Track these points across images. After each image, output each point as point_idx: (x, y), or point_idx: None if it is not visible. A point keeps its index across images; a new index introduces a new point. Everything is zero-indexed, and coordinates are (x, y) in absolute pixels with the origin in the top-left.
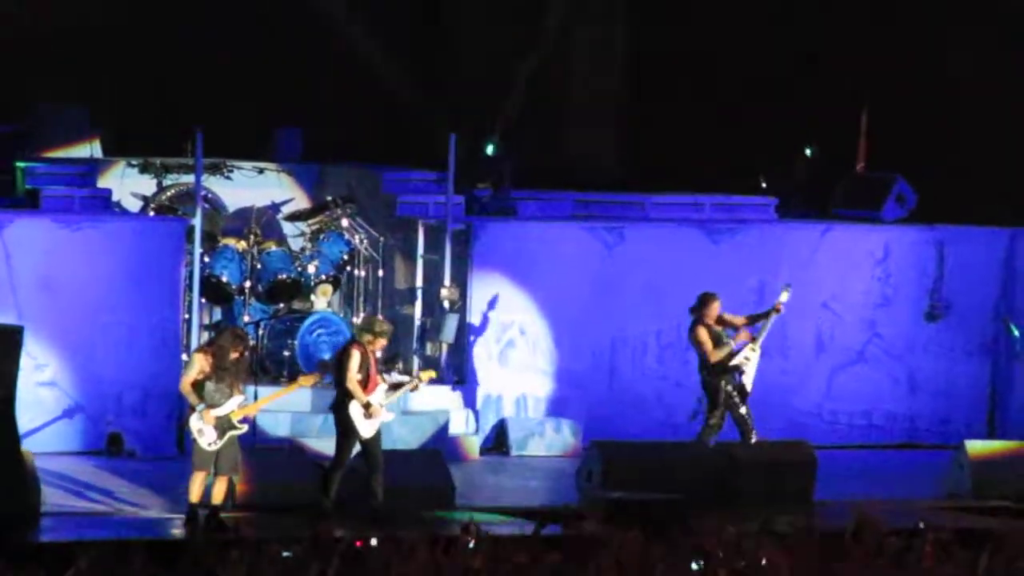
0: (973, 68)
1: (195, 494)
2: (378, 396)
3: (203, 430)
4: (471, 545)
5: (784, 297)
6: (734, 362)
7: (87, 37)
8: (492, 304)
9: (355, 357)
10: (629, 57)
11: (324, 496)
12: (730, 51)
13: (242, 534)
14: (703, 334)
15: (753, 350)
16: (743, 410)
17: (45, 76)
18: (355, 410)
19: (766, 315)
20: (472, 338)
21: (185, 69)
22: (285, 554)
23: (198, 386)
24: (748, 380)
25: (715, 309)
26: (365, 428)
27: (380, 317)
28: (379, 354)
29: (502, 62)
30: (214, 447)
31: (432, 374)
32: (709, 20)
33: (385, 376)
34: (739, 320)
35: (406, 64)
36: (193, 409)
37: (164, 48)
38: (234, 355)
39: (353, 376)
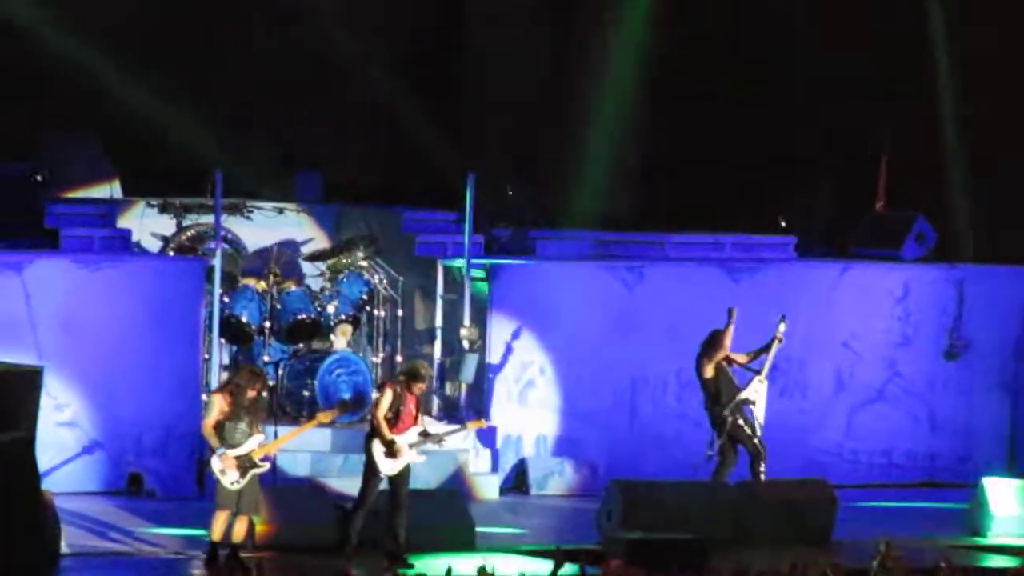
0: (991, 103)
1: (217, 533)
2: (407, 438)
3: (225, 471)
4: None
5: (782, 328)
6: (743, 396)
7: (104, 74)
8: (512, 343)
9: (387, 395)
10: (647, 96)
11: (345, 536)
12: (749, 90)
13: (262, 574)
14: (711, 372)
15: (760, 382)
16: (756, 440)
17: (59, 115)
18: (377, 448)
19: (767, 348)
20: (492, 378)
21: (204, 109)
22: None
23: (219, 427)
24: (760, 413)
25: (725, 345)
26: (387, 466)
27: (423, 363)
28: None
29: (523, 103)
30: (237, 486)
31: (482, 423)
32: (728, 59)
33: (428, 426)
34: (742, 358)
35: (426, 104)
36: (213, 451)
37: (184, 88)
38: (252, 393)
39: (382, 413)
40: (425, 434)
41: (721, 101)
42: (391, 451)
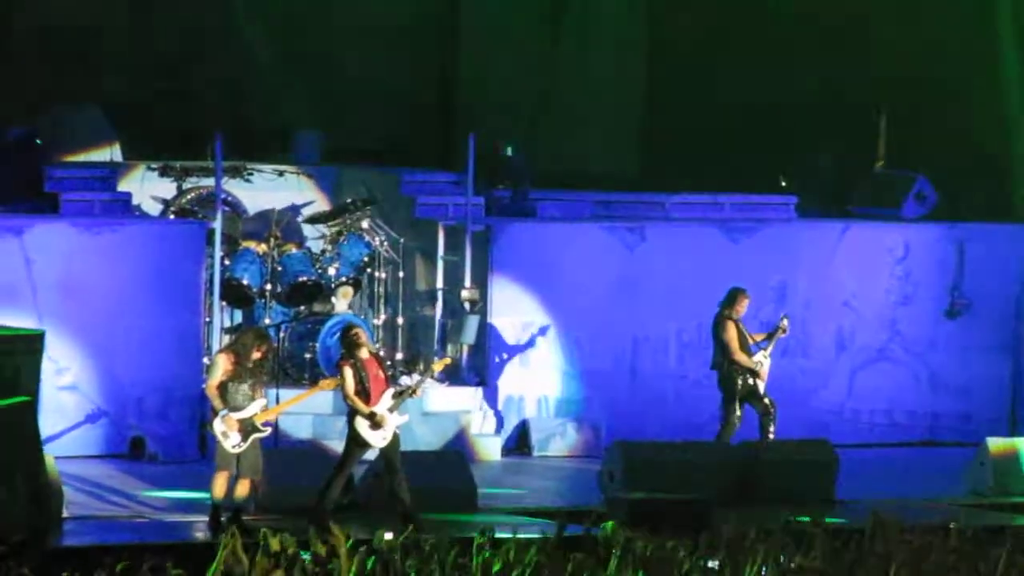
0: (992, 67)
1: (218, 493)
2: (383, 404)
3: (227, 433)
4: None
5: (785, 323)
6: (750, 363)
7: (104, 38)
8: (512, 305)
9: (348, 374)
10: (648, 57)
11: (321, 500)
12: (747, 50)
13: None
14: (731, 330)
15: (765, 357)
16: (766, 400)
17: (61, 77)
18: (361, 424)
19: (771, 335)
20: (493, 339)
21: (204, 71)
22: (304, 556)
23: (222, 388)
24: (761, 385)
25: (743, 305)
26: (376, 439)
27: (348, 325)
28: (377, 351)
29: (522, 63)
30: (238, 450)
31: (447, 361)
32: (727, 20)
33: (400, 379)
34: (753, 337)
35: (425, 66)
36: (216, 413)
37: (182, 51)
38: (256, 354)
39: (350, 393)
40: (399, 393)
41: (722, 59)
42: (375, 423)
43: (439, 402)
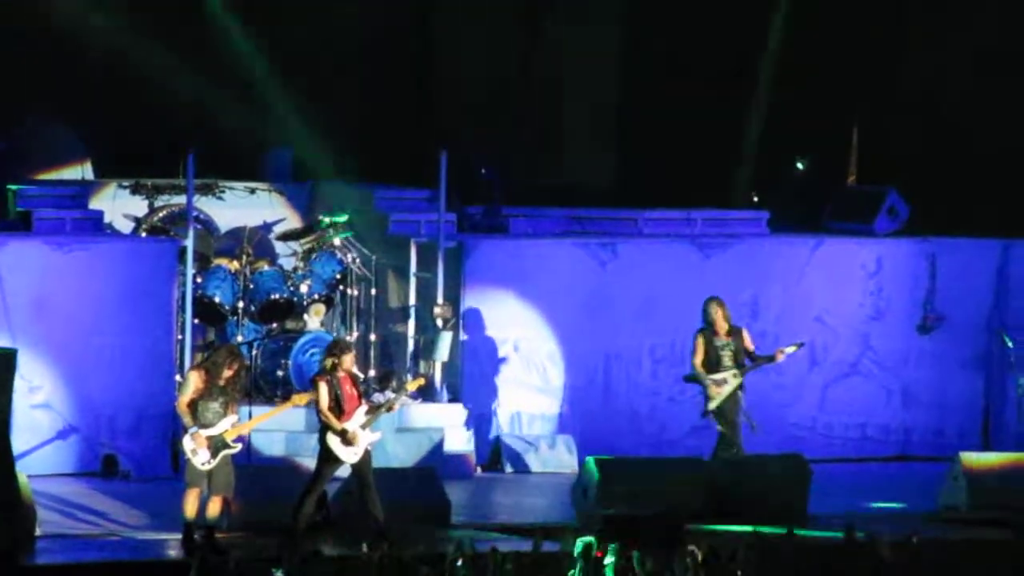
0: (963, 78)
1: (190, 511)
2: (356, 421)
3: (196, 451)
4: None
5: (791, 350)
6: (716, 376)
7: (75, 54)
8: (485, 322)
9: (323, 390)
10: (621, 71)
11: (294, 517)
12: (721, 64)
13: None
14: (694, 341)
15: (735, 376)
16: (727, 422)
17: (33, 94)
18: (333, 440)
19: (768, 358)
20: (466, 356)
21: (175, 89)
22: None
23: (193, 405)
24: (714, 402)
25: (717, 314)
26: (347, 455)
27: (337, 336)
28: (355, 370)
29: (495, 79)
30: (208, 467)
31: (421, 382)
32: (702, 33)
33: (373, 396)
34: (751, 348)
35: (398, 81)
36: (186, 430)
37: (154, 68)
38: (228, 372)
39: (324, 408)
40: (372, 410)
41: (693, 75)
42: (346, 440)
43: (412, 418)
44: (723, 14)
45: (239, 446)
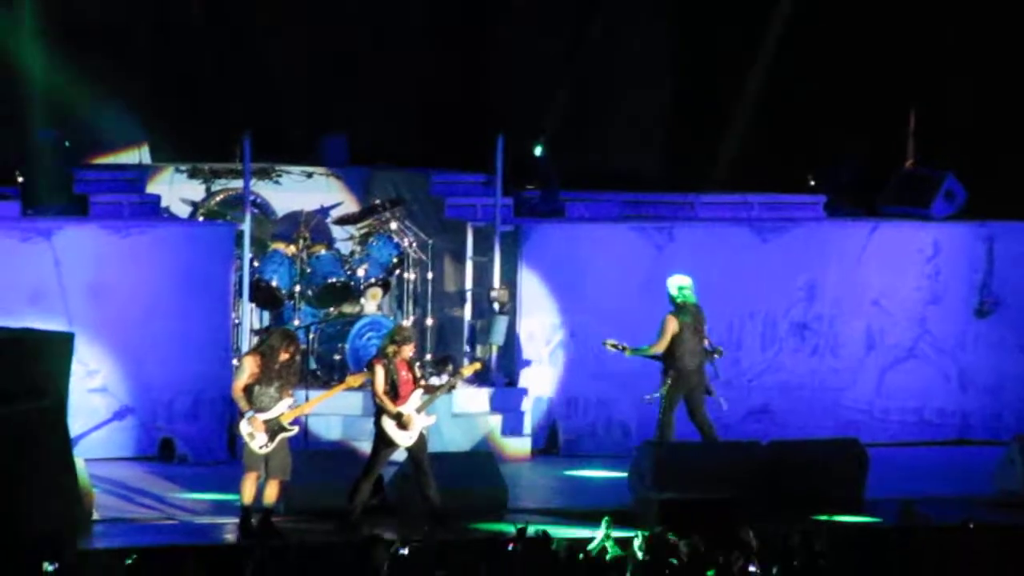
0: (1021, 62)
1: (247, 496)
2: (412, 404)
3: (253, 434)
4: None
5: (718, 354)
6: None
7: (132, 39)
8: (541, 306)
9: (379, 373)
10: (676, 55)
11: (350, 502)
12: (778, 48)
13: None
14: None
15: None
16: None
17: (93, 79)
18: (388, 423)
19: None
20: (522, 340)
21: (233, 73)
22: None
23: (248, 390)
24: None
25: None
26: (402, 438)
27: (400, 323)
28: (413, 356)
29: (549, 63)
30: (266, 450)
31: (477, 366)
32: (755, 19)
33: (429, 380)
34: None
35: (454, 67)
36: (243, 414)
37: (211, 53)
38: (284, 356)
39: (380, 390)
40: (428, 393)
41: (749, 58)
42: (401, 423)
43: (469, 403)
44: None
45: (296, 428)
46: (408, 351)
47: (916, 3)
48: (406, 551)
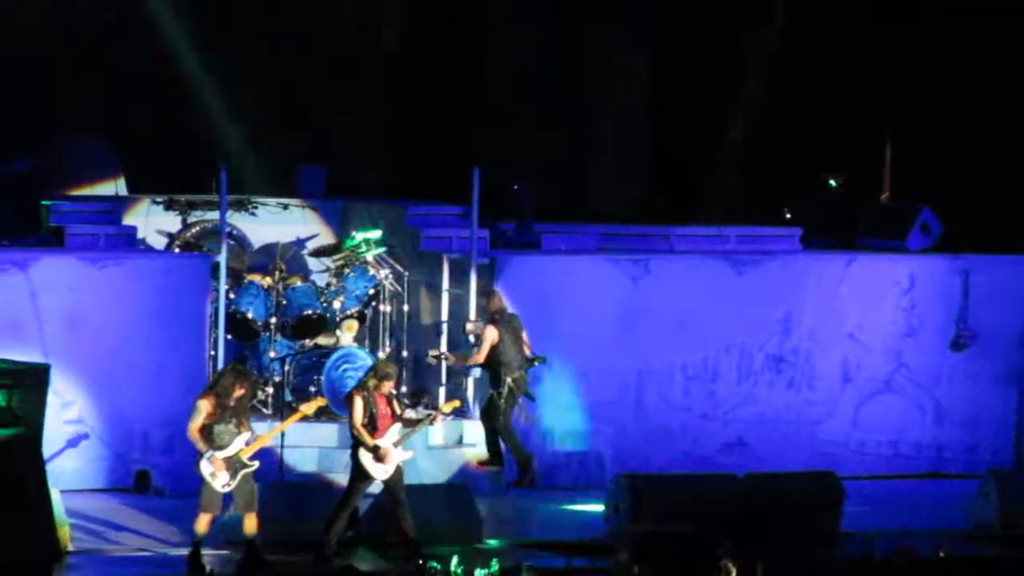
0: (999, 94)
1: (201, 529)
2: (389, 438)
3: (215, 474)
4: None
5: (539, 361)
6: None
7: (109, 71)
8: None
9: (357, 404)
10: (653, 87)
11: (325, 533)
12: (756, 82)
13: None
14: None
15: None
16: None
17: (67, 111)
18: (365, 456)
19: (532, 360)
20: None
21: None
22: None
23: (206, 430)
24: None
25: (497, 302)
26: (378, 471)
27: (383, 360)
28: (393, 391)
29: (527, 96)
30: (228, 488)
31: (456, 404)
32: (733, 53)
33: (407, 413)
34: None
35: (430, 99)
36: (201, 455)
37: (187, 85)
38: (239, 392)
39: (358, 422)
40: (405, 428)
41: (724, 91)
42: (378, 456)
43: (443, 435)
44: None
45: (256, 464)
46: (388, 387)
47: (892, 37)
48: None
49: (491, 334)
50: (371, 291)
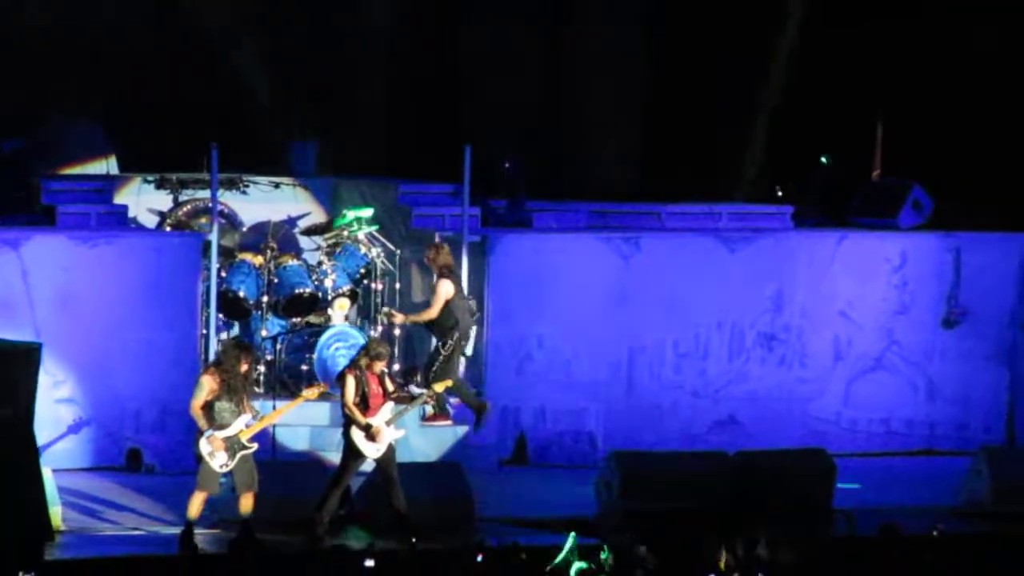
0: (989, 72)
1: (193, 512)
2: (381, 416)
3: (214, 453)
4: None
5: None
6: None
7: (100, 49)
8: (509, 316)
9: (349, 383)
10: (645, 65)
11: (318, 512)
12: (746, 58)
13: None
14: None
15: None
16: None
17: (57, 89)
18: (357, 434)
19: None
20: (489, 350)
21: (200, 82)
22: None
23: (208, 407)
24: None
25: (445, 255)
26: (370, 450)
27: (375, 339)
28: (385, 369)
29: (519, 73)
30: (226, 469)
31: (448, 383)
32: (726, 28)
33: (401, 391)
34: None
35: (422, 77)
36: (201, 433)
37: (179, 62)
38: (244, 367)
39: (350, 401)
40: (397, 406)
41: (717, 71)
42: (370, 435)
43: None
44: (745, 10)
45: (256, 445)
46: (380, 366)
47: (885, 14)
48: (372, 563)
49: (446, 288)
50: (363, 269)
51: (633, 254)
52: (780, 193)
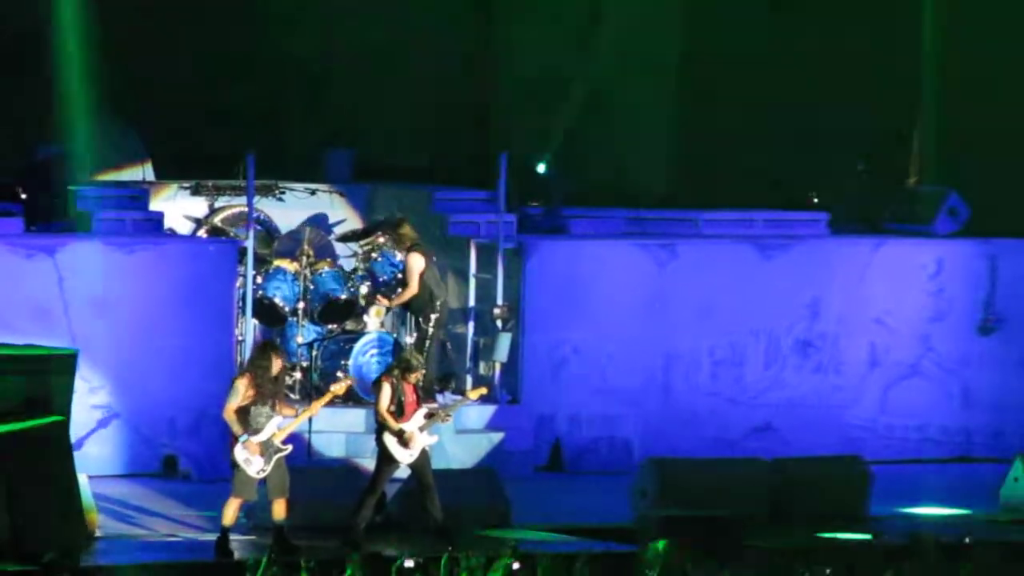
0: None
1: (228, 518)
2: (414, 423)
3: (250, 460)
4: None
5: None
6: None
7: (136, 57)
8: (544, 323)
9: (385, 389)
10: (680, 72)
11: (354, 518)
12: (781, 65)
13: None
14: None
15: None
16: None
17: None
18: (390, 440)
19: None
20: (525, 356)
21: (237, 90)
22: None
23: (243, 411)
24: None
25: (410, 230)
26: (403, 455)
27: (408, 350)
28: (420, 379)
29: (554, 80)
30: (263, 474)
31: (483, 391)
32: (761, 35)
33: (435, 398)
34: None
35: (458, 84)
36: (236, 439)
37: (214, 70)
38: (277, 368)
39: (384, 408)
40: (431, 414)
41: (753, 77)
42: (403, 440)
43: (472, 419)
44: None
45: (290, 447)
46: (414, 378)
47: (919, 20)
48: (411, 563)
49: (417, 262)
50: (398, 276)
51: (669, 261)
52: (816, 200)
